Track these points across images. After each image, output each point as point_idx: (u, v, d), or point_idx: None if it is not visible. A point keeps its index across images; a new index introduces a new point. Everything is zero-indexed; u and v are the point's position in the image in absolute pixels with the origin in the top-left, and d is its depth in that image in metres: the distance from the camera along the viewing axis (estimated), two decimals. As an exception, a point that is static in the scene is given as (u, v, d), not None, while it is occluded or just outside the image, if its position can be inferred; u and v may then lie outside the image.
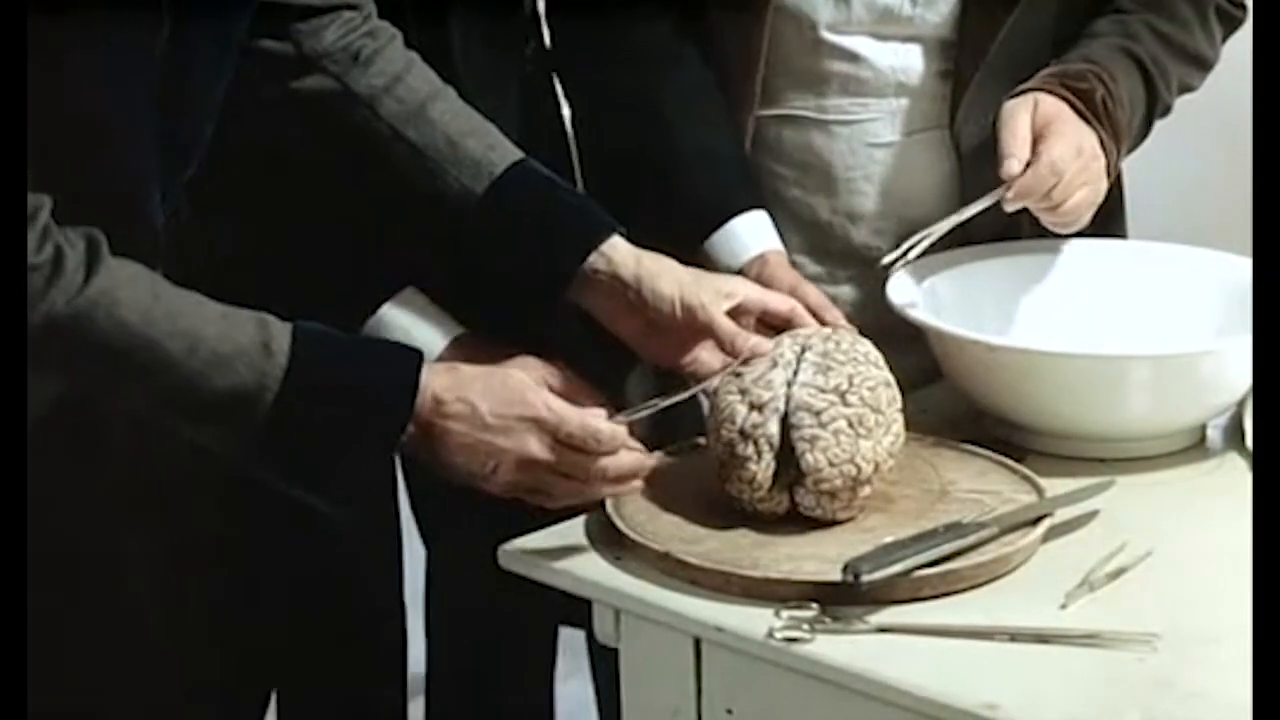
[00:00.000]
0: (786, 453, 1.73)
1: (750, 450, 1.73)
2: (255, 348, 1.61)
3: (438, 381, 1.68)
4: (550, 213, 1.88)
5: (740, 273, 2.01)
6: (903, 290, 2.00)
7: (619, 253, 1.86)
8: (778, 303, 1.89)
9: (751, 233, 2.05)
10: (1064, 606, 1.64)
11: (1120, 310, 2.06)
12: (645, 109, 2.09)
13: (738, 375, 1.78)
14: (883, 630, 1.60)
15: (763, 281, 1.98)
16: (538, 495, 1.71)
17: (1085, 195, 2.02)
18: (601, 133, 2.14)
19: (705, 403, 1.85)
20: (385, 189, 1.87)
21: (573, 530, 1.77)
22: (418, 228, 1.88)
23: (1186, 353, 1.91)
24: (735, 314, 1.87)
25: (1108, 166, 2.04)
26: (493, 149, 1.87)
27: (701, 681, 1.66)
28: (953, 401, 1.99)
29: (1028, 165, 1.97)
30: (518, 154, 1.88)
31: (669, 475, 1.82)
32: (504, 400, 1.68)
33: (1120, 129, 2.06)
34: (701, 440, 1.85)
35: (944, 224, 2.00)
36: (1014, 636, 1.59)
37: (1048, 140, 1.99)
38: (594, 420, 1.70)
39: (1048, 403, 1.90)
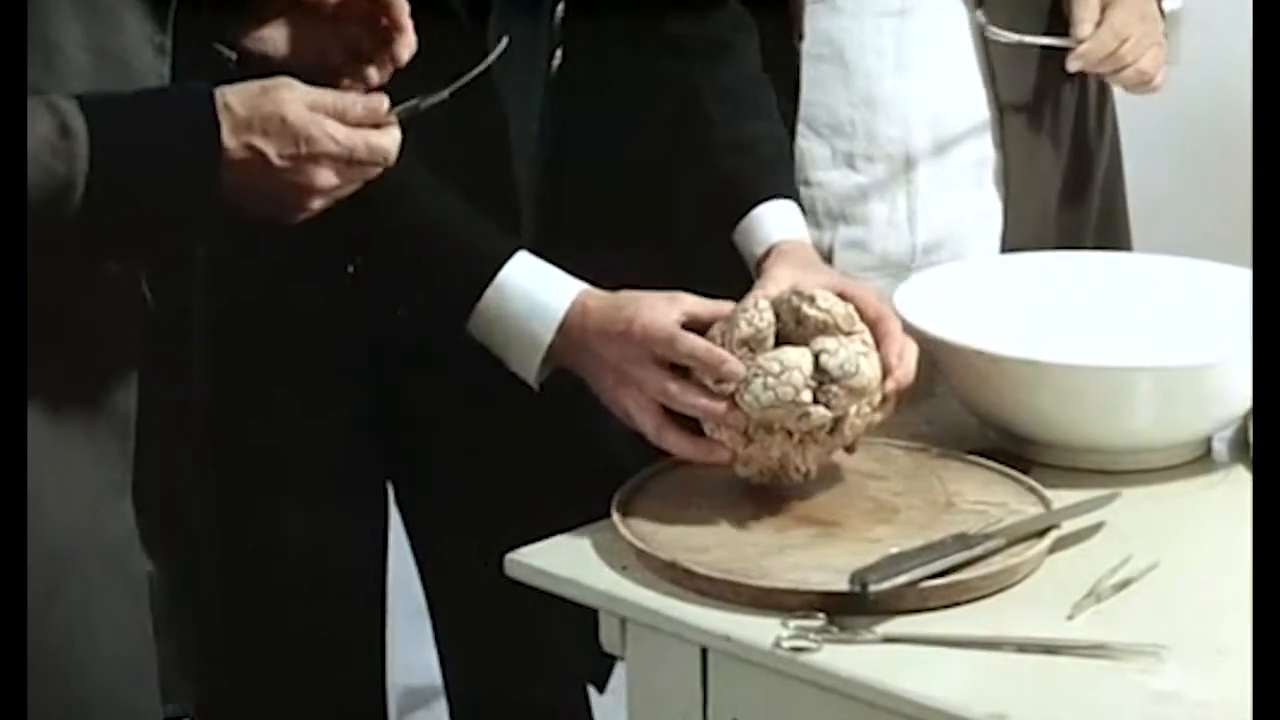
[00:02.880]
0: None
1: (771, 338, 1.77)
2: (54, 134, 1.54)
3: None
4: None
5: (763, 260, 1.96)
6: (907, 300, 2.00)
7: None
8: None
9: (776, 220, 1.97)
10: (1070, 618, 1.64)
11: (1126, 322, 2.06)
12: (686, 100, 2.02)
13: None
14: (889, 640, 1.60)
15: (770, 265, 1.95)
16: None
17: (1156, 54, 2.09)
18: (637, 122, 2.08)
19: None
20: None
21: (579, 540, 1.77)
22: None
23: (1192, 365, 1.91)
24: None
25: None
26: None
27: (708, 691, 1.66)
28: (958, 413, 1.99)
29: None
30: None
31: (675, 485, 1.82)
32: (288, 139, 1.59)
33: None
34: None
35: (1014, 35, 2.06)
36: (1021, 647, 1.59)
37: (1114, 7, 2.08)
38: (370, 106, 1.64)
39: (1053, 415, 1.90)
